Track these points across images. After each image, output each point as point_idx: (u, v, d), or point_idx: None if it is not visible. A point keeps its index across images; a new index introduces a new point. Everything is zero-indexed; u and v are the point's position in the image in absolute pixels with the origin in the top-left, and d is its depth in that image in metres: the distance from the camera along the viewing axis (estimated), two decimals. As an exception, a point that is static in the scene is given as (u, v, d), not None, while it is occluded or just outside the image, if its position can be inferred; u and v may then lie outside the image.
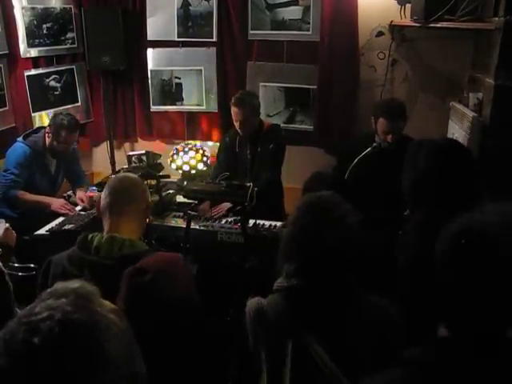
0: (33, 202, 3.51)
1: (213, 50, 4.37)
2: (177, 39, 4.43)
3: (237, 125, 3.48)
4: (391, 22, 3.84)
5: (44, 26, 4.24)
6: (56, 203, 3.48)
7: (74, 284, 0.89)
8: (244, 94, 3.54)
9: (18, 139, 3.55)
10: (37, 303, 0.84)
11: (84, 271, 1.69)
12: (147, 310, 1.50)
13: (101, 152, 4.96)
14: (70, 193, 3.80)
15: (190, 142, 4.55)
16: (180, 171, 4.19)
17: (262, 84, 4.35)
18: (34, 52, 4.21)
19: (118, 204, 1.82)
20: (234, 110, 3.45)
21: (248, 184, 2.73)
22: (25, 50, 4.13)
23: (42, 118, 4.31)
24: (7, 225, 2.14)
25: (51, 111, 4.27)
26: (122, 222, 1.81)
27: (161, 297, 1.55)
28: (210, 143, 4.65)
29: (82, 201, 3.59)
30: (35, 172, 3.57)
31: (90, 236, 1.78)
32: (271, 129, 3.62)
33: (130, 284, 1.53)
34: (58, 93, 4.43)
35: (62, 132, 3.48)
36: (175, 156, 4.23)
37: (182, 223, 3.06)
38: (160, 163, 3.81)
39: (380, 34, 4.00)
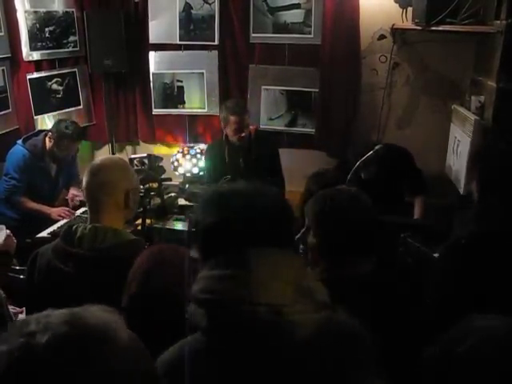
0: (34, 210, 3.53)
1: (215, 53, 4.37)
2: (179, 42, 4.43)
3: (237, 133, 3.46)
4: (393, 25, 3.84)
5: (46, 29, 4.24)
6: (54, 213, 3.49)
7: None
8: (240, 102, 3.62)
9: (18, 142, 3.56)
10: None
11: (68, 264, 1.65)
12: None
13: (102, 155, 4.96)
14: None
15: (191, 145, 4.55)
16: (180, 174, 4.19)
17: (263, 87, 4.35)
18: (36, 55, 4.21)
19: (95, 193, 1.75)
20: (237, 119, 3.42)
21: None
22: (27, 53, 4.13)
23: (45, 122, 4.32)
24: (8, 231, 2.14)
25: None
26: (102, 211, 1.75)
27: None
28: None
29: (72, 199, 3.62)
30: (35, 175, 3.57)
31: (74, 227, 1.73)
32: (258, 134, 3.70)
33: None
34: (60, 96, 4.43)
35: (64, 141, 3.49)
36: (176, 159, 4.23)
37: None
38: (162, 166, 3.80)
39: (382, 37, 4.00)
